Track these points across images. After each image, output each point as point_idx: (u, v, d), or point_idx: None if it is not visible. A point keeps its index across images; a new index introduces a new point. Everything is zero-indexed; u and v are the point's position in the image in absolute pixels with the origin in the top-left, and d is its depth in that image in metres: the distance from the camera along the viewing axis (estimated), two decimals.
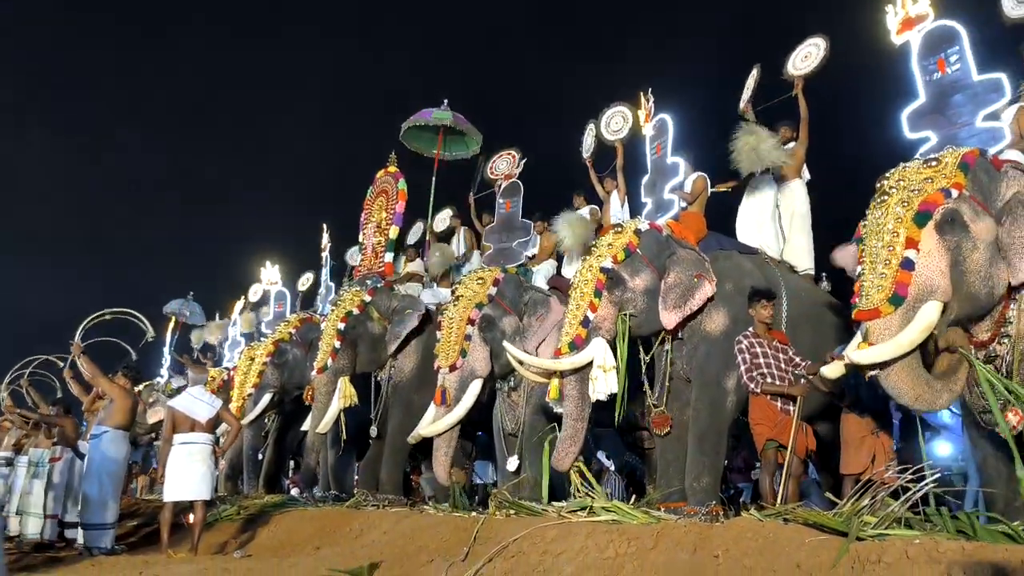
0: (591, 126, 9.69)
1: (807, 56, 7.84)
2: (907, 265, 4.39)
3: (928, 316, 4.35)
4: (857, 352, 4.42)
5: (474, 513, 6.80)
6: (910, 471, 4.41)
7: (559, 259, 9.53)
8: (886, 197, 4.62)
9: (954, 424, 6.75)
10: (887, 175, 4.79)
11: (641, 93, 9.03)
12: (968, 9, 6.41)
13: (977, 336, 4.75)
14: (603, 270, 6.51)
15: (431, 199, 11.71)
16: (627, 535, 4.98)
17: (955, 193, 4.49)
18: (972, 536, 4.02)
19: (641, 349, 6.64)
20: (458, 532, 5.98)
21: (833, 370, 4.68)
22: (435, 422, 7.63)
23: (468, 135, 12.40)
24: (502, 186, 10.65)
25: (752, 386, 5.61)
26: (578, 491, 6.23)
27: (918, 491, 4.30)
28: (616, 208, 9.03)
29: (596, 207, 9.60)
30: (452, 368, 7.63)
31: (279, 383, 10.18)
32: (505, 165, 10.88)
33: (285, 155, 31.12)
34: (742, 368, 5.68)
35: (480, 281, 8.02)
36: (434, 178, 11.88)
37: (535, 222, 10.00)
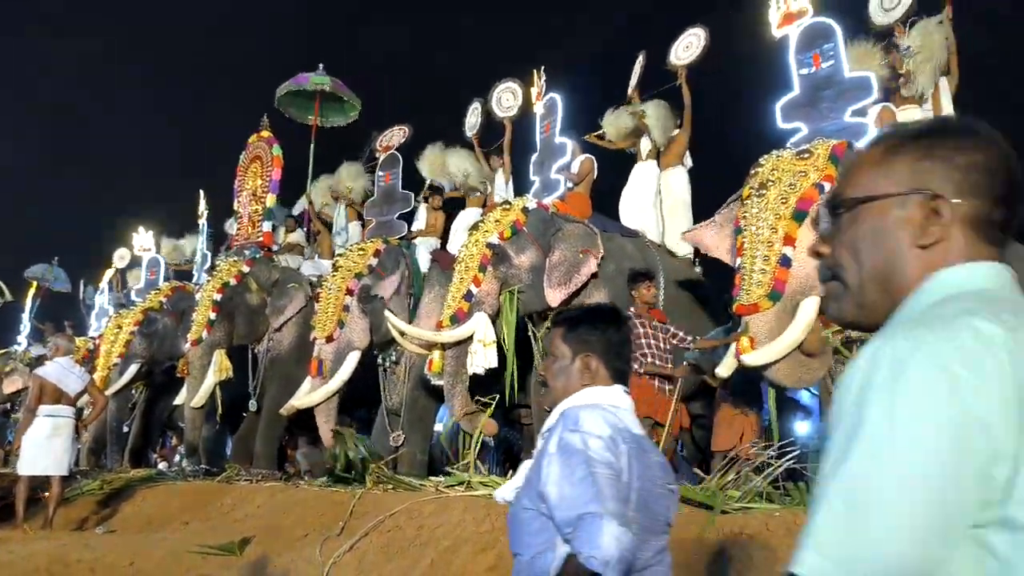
0: (476, 104, 9.62)
1: (688, 46, 8.06)
2: (785, 262, 4.61)
3: (809, 314, 4.61)
4: (749, 355, 4.64)
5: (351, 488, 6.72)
6: (772, 448, 4.65)
7: (444, 237, 9.48)
8: (764, 191, 4.81)
9: (813, 404, 7.13)
10: (760, 163, 5.00)
11: (534, 71, 9.04)
12: (844, 9, 6.74)
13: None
14: (489, 245, 6.53)
15: (310, 168, 11.39)
16: (503, 509, 5.00)
17: (827, 187, 4.73)
18: None
19: (531, 326, 6.71)
20: (335, 507, 5.89)
21: (724, 370, 4.87)
22: (310, 393, 7.49)
23: (348, 101, 12.12)
24: (381, 158, 10.42)
25: (635, 366, 5.73)
26: (455, 466, 6.26)
27: (779, 467, 4.54)
28: (501, 186, 9.05)
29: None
30: (329, 339, 7.50)
31: (148, 354, 9.72)
32: (397, 138, 10.68)
33: (158, 116, 29.53)
34: None
35: (361, 252, 7.89)
36: (312, 145, 11.55)
37: (428, 196, 9.85)
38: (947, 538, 0.78)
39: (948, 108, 6.46)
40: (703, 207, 7.82)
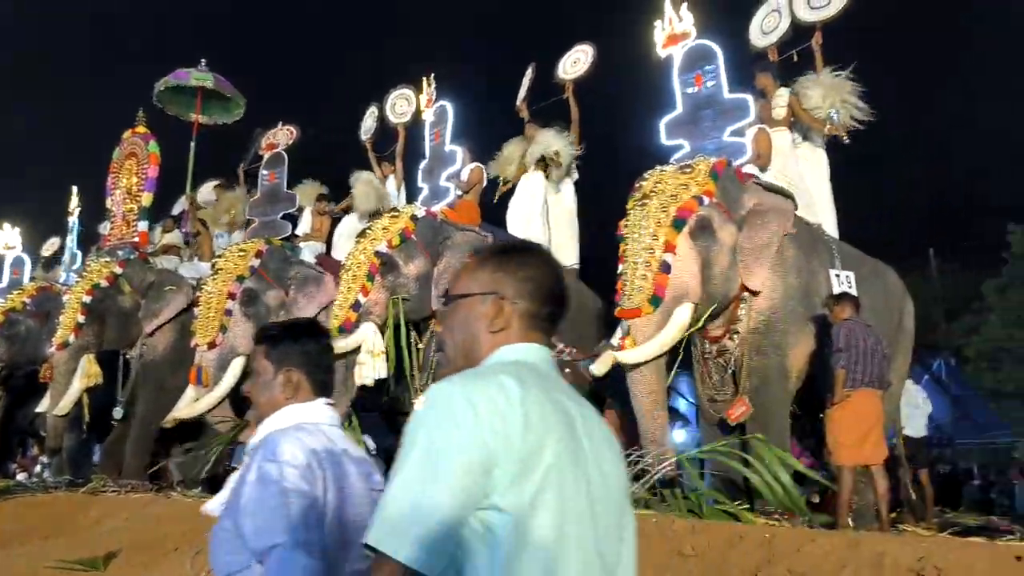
0: (373, 108, 9.53)
1: (576, 61, 8.22)
2: (665, 268, 4.79)
3: (683, 317, 4.80)
4: (625, 353, 4.78)
5: None
6: (650, 455, 4.78)
7: (328, 242, 9.32)
8: (647, 201, 4.98)
9: (690, 412, 7.39)
10: (645, 177, 5.19)
11: (424, 78, 9.02)
12: (726, 32, 7.03)
13: (711, 332, 5.25)
14: (377, 254, 6.47)
15: (190, 167, 10.96)
16: None
17: (707, 200, 4.95)
18: (700, 515, 4.42)
19: (415, 334, 6.68)
20: (208, 519, 5.68)
21: (601, 367, 4.97)
22: (193, 403, 7.20)
23: (233, 99, 11.76)
24: (265, 157, 10.14)
25: None
26: None
27: (655, 474, 4.67)
28: (392, 192, 8.98)
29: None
30: (211, 346, 7.23)
31: (7, 357, 9.12)
32: (284, 139, 10.40)
33: (25, 108, 27.84)
34: None
35: (242, 253, 7.66)
36: (193, 143, 11.11)
37: (316, 201, 9.63)
38: (462, 514, 1.16)
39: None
40: (589, 219, 8.01)
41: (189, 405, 7.23)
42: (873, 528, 4.93)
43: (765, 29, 7.35)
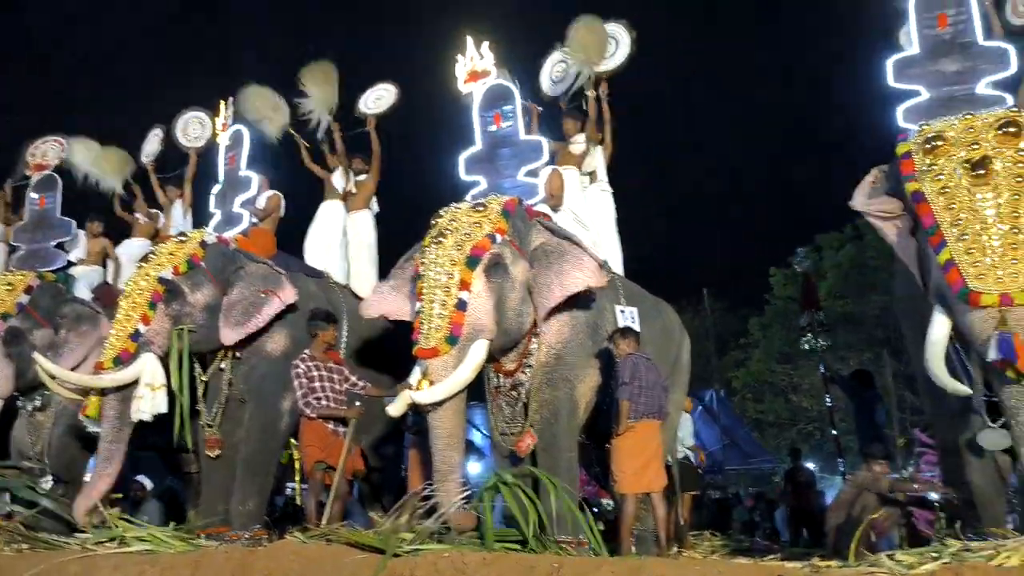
0: (158, 130, 9.00)
1: (379, 98, 8.23)
2: (461, 306, 4.85)
3: (478, 355, 4.86)
4: (419, 393, 4.76)
5: None
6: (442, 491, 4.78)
7: (104, 265, 8.66)
8: (442, 239, 5.05)
9: (485, 445, 7.51)
10: (441, 213, 5.28)
11: (221, 100, 8.68)
12: (524, 76, 7.31)
13: (505, 366, 5.39)
14: (161, 280, 6.09)
15: None
16: (161, 565, 4.65)
17: (499, 238, 5.10)
18: (491, 548, 4.47)
19: (198, 366, 6.32)
20: None
21: (396, 408, 4.93)
22: None
23: None
24: (34, 178, 9.26)
25: (308, 411, 5.62)
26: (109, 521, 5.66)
27: (450, 508, 4.69)
28: (178, 218, 8.50)
29: (157, 212, 8.94)
30: None
31: None
32: (52, 152, 9.52)
33: None
34: (298, 392, 5.67)
35: (9, 287, 6.98)
36: None
37: (89, 222, 8.89)
38: None
39: (602, 173, 7.21)
40: (389, 253, 7.98)
41: None
42: (653, 553, 5.22)
43: (554, 78, 7.72)
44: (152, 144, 9.06)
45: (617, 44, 7.38)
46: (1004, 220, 3.81)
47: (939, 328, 4.01)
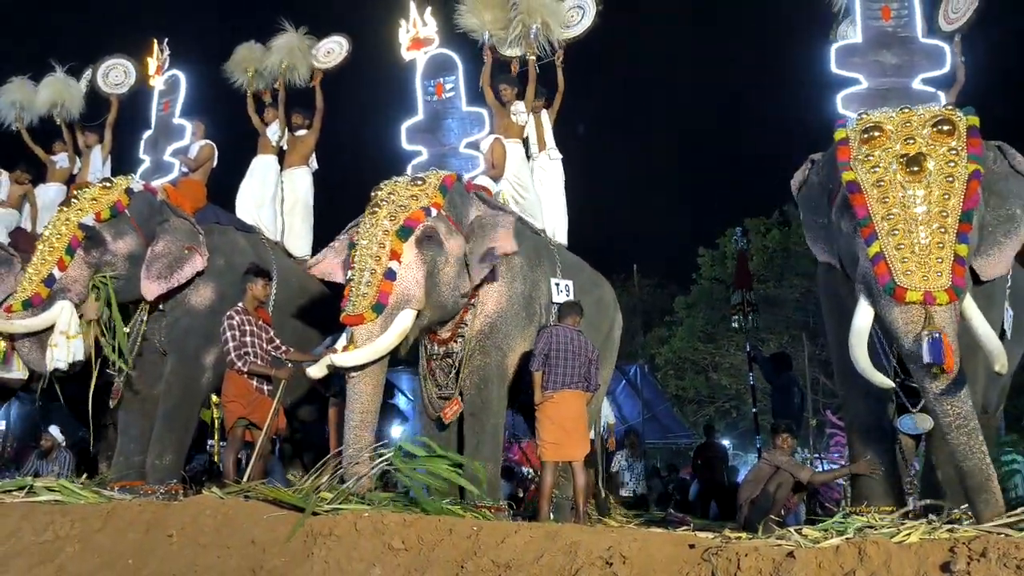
0: (89, 71, 8.61)
1: (329, 52, 8.04)
2: (390, 275, 4.89)
3: (403, 323, 4.89)
4: (340, 356, 4.77)
5: None
6: (372, 449, 4.81)
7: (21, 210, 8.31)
8: (377, 209, 5.06)
9: (409, 409, 7.52)
10: (380, 186, 5.27)
11: (155, 41, 8.33)
12: (467, 46, 7.21)
13: (440, 335, 5.42)
14: (82, 226, 5.90)
15: None
16: (71, 516, 4.58)
17: (435, 212, 5.14)
18: (417, 509, 4.51)
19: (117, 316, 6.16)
20: None
21: (317, 370, 4.90)
22: None
23: None
24: None
25: (240, 364, 5.47)
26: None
27: (372, 468, 4.72)
28: (97, 164, 8.16)
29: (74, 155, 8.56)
30: None
31: None
32: None
33: None
34: (230, 344, 5.50)
35: None
36: None
37: (18, 170, 8.49)
38: None
39: (550, 140, 7.18)
40: (324, 212, 7.86)
41: None
42: (571, 520, 5.34)
43: (511, 42, 7.59)
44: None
45: (583, 13, 7.33)
46: (933, 219, 3.95)
47: (863, 317, 4.13)
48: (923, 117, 4.25)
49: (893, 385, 4.36)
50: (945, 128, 4.15)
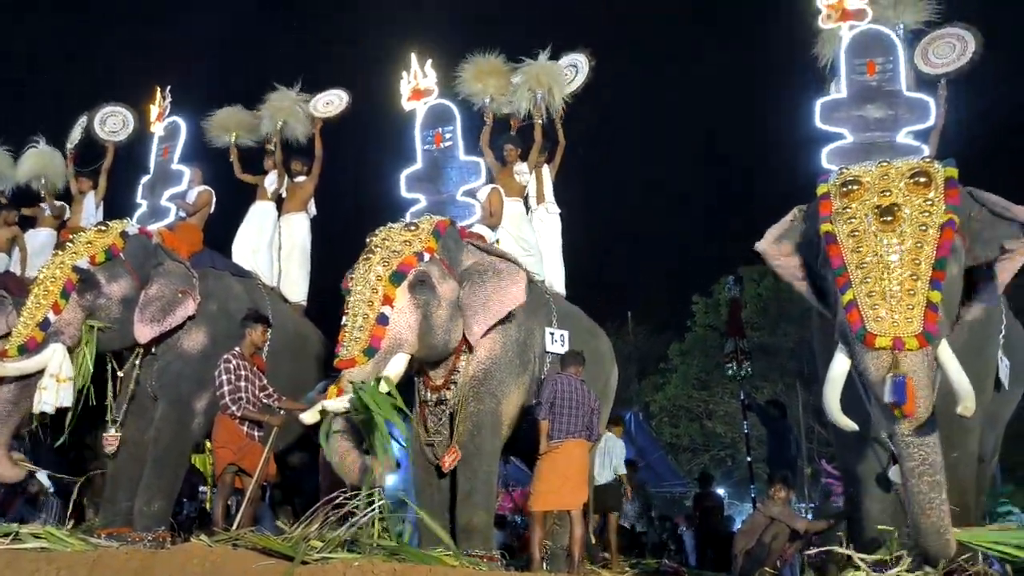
0: (83, 119, 8.71)
1: (328, 103, 8.16)
2: (382, 320, 4.91)
3: (395, 368, 4.91)
4: (330, 401, 4.78)
5: None
6: (360, 497, 4.75)
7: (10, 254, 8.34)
8: (371, 255, 5.11)
9: (403, 456, 7.45)
10: (375, 233, 5.32)
11: (158, 88, 8.44)
12: (465, 100, 7.31)
13: (433, 381, 5.42)
14: (76, 269, 5.91)
15: None
16: (56, 564, 4.52)
17: (427, 256, 5.19)
18: (403, 558, 4.45)
19: (112, 362, 6.15)
20: None
21: (310, 416, 4.90)
22: None
23: None
24: None
25: (233, 408, 5.45)
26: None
27: (363, 516, 4.65)
28: (90, 209, 8.19)
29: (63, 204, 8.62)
30: None
31: None
32: None
33: None
34: (225, 388, 5.48)
35: None
36: None
37: (5, 211, 8.53)
38: None
39: (549, 194, 7.27)
40: (323, 258, 7.88)
41: None
42: (563, 571, 5.27)
43: (509, 99, 7.70)
44: (76, 132, 8.77)
45: (577, 70, 7.52)
46: (905, 266, 3.99)
47: (839, 365, 4.14)
48: (900, 170, 4.31)
49: (856, 428, 4.32)
50: (922, 180, 4.20)
